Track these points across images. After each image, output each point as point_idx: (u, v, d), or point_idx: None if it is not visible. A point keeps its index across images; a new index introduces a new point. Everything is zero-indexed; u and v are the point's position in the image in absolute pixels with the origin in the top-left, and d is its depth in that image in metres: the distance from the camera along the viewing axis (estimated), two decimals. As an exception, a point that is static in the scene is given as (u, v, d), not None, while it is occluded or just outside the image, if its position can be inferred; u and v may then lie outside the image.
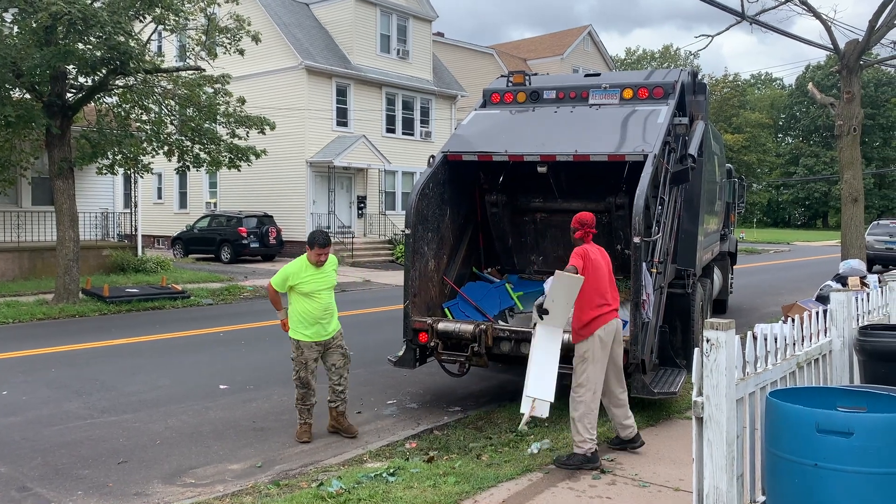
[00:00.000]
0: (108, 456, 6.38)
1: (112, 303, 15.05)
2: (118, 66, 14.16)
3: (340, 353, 6.88)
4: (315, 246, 6.59)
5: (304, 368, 6.69)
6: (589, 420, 5.81)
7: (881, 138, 69.27)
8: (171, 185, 31.19)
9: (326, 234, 6.77)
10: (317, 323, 6.67)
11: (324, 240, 6.66)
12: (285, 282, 6.68)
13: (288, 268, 6.72)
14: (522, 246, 9.31)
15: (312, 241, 6.63)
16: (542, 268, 9.22)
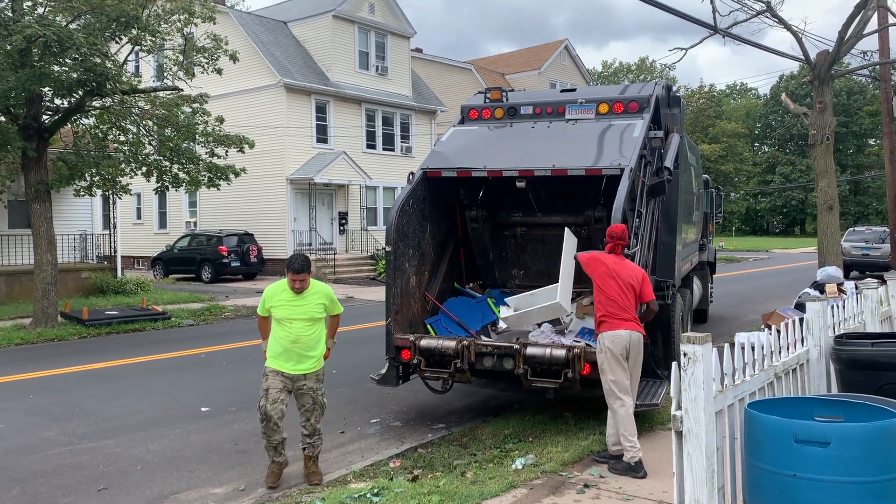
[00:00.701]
0: (88, 483, 6.30)
1: (91, 326, 14.89)
2: (95, 88, 14.10)
3: (311, 396, 6.18)
4: (289, 271, 6.00)
5: (265, 397, 6.02)
6: (625, 427, 5.89)
7: (855, 146, 70.31)
8: (151, 206, 30.99)
9: (302, 259, 6.06)
10: (285, 352, 6.07)
11: (298, 265, 5.99)
12: (264, 304, 6.21)
13: (267, 289, 6.27)
14: (503, 260, 9.36)
15: (287, 264, 6.07)
16: (523, 282, 9.26)
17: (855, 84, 66.27)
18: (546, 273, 9.15)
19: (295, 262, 6.01)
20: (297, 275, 5.97)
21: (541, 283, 9.16)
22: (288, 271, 6.00)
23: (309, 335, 6.08)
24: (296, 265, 5.99)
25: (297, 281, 5.98)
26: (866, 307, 6.29)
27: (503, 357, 7.17)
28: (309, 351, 6.12)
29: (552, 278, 9.12)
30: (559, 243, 9.03)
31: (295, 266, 5.98)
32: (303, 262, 6.03)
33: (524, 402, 8.57)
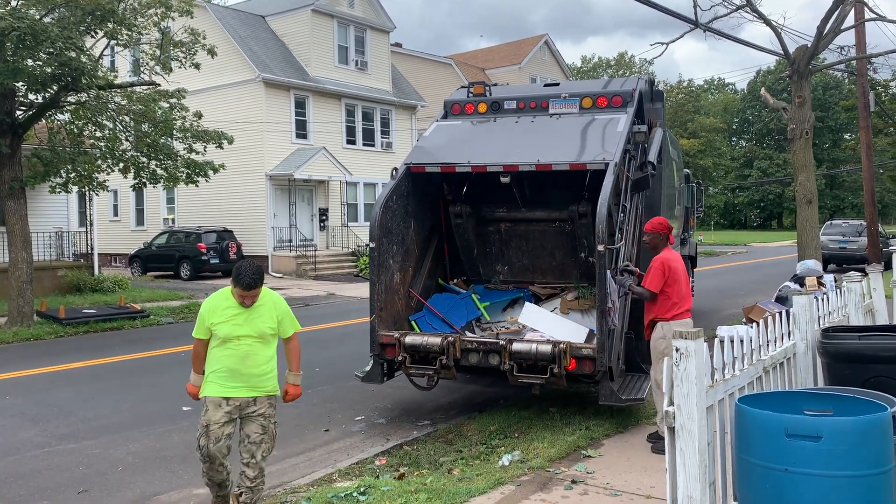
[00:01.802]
0: (67, 486, 6.18)
1: (68, 324, 14.66)
2: (70, 83, 13.85)
3: (260, 423, 4.91)
4: (237, 286, 4.75)
5: (205, 434, 4.81)
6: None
7: (831, 140, 71.10)
8: (128, 202, 30.61)
9: (254, 273, 4.76)
10: (231, 373, 4.84)
11: (249, 280, 4.72)
12: (202, 324, 4.90)
13: (204, 304, 4.96)
14: (487, 256, 9.33)
15: (235, 278, 4.76)
16: (507, 277, 9.26)
17: (831, 79, 66.99)
18: (530, 268, 9.17)
19: (245, 277, 4.71)
20: (248, 291, 4.75)
21: (525, 279, 9.17)
22: (235, 286, 4.75)
23: (260, 353, 4.89)
24: (246, 280, 4.71)
25: (248, 298, 4.79)
26: (850, 300, 6.33)
27: (489, 353, 7.14)
28: (261, 370, 4.90)
29: (536, 273, 9.15)
30: (543, 239, 9.05)
31: (245, 282, 4.71)
32: (255, 277, 4.75)
33: (509, 398, 8.55)
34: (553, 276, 9.07)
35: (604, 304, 6.80)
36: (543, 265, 9.11)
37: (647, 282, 6.46)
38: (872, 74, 26.61)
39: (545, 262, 9.08)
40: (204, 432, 4.83)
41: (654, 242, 6.66)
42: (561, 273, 9.03)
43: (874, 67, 26.97)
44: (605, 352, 6.78)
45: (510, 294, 8.96)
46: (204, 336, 4.93)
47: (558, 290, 8.96)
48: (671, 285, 6.36)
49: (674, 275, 6.36)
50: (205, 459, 4.89)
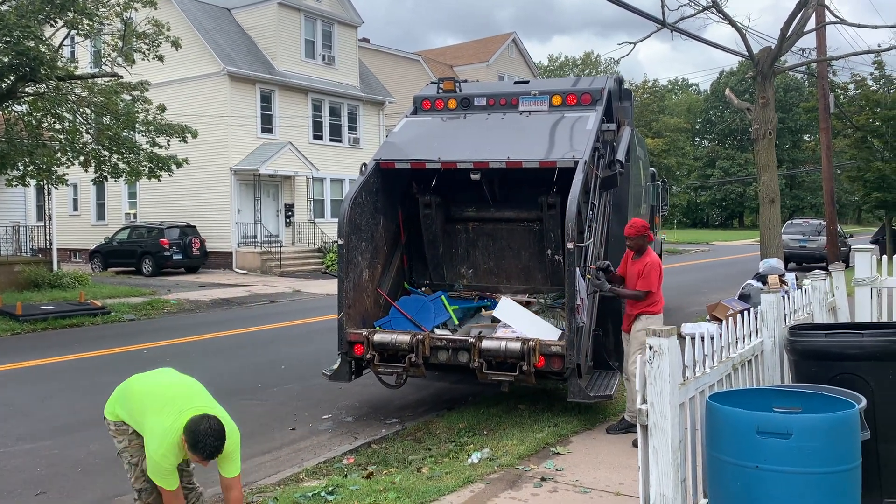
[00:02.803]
0: (24, 487, 6.00)
1: (26, 321, 14.28)
2: (28, 73, 13.51)
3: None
4: (195, 454, 4.01)
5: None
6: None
7: (791, 141, 72.48)
8: (88, 197, 29.96)
9: (217, 441, 4.00)
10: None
11: (210, 451, 4.00)
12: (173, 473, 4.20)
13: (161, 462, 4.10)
14: (453, 257, 9.15)
15: (193, 445, 3.98)
16: (472, 281, 9.06)
17: (792, 81, 68.25)
18: (495, 271, 8.97)
19: (207, 448, 3.98)
20: (205, 461, 4.07)
21: (489, 283, 9.00)
22: (193, 453, 4.02)
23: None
24: (207, 451, 3.99)
25: (203, 464, 4.16)
26: (815, 298, 6.42)
27: (458, 351, 7.10)
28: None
29: (501, 277, 8.97)
30: (510, 238, 8.93)
31: (206, 453, 4.00)
32: (217, 445, 4.00)
33: (478, 396, 8.52)
34: (519, 280, 8.89)
35: (572, 301, 6.80)
36: (509, 267, 8.95)
37: (646, 283, 6.68)
38: (832, 77, 27.20)
39: (511, 263, 8.90)
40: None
41: (639, 244, 6.84)
42: (527, 277, 8.89)
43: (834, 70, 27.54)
44: (573, 349, 6.79)
45: (476, 304, 8.81)
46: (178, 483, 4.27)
47: (523, 303, 8.81)
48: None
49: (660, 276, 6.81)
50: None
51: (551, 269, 8.55)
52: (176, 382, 4.48)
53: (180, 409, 4.17)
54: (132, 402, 4.44)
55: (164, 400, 4.28)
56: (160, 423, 4.16)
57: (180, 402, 4.24)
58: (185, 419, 4.07)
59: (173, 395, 4.32)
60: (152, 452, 4.14)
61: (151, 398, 4.35)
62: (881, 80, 29.44)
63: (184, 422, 4.06)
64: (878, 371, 4.41)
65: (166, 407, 4.22)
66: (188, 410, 4.14)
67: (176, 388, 4.42)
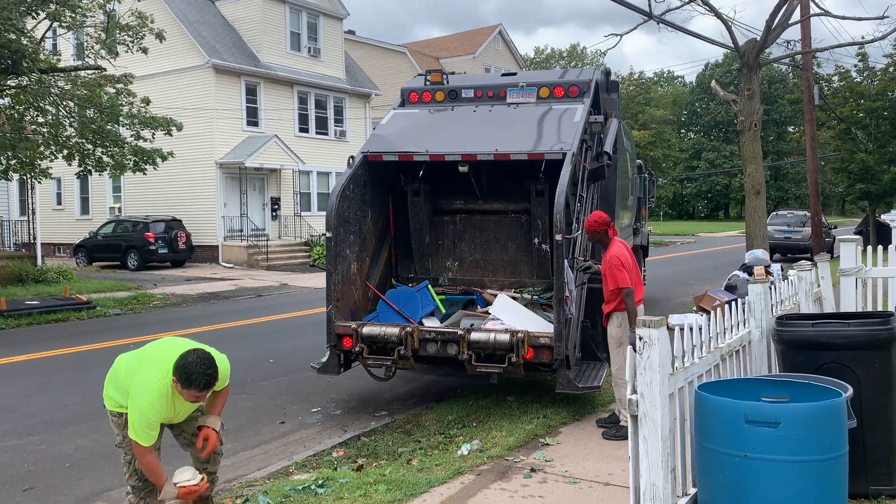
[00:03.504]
0: (12, 483, 5.96)
1: (10, 317, 14.16)
2: (9, 66, 13.35)
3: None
4: (191, 387, 4.00)
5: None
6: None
7: (775, 133, 72.87)
8: (72, 190, 29.69)
9: (210, 371, 4.04)
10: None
11: (205, 381, 4.02)
12: (153, 427, 4.15)
13: (149, 403, 4.08)
14: (439, 249, 9.04)
15: (186, 379, 3.96)
16: (457, 274, 8.93)
17: (776, 73, 68.59)
18: (481, 264, 8.86)
19: (201, 378, 3.98)
20: (202, 392, 4.07)
21: (475, 276, 8.88)
22: (188, 388, 3.99)
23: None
24: (203, 381, 4.00)
25: (202, 397, 4.15)
26: (801, 288, 6.47)
27: (447, 343, 7.10)
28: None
29: (486, 269, 8.87)
30: (497, 230, 8.87)
31: (202, 382, 4.00)
32: (211, 374, 4.04)
33: (466, 388, 8.54)
34: (505, 273, 8.78)
35: (560, 293, 6.82)
36: (495, 260, 8.84)
37: (614, 281, 6.42)
38: (817, 69, 27.34)
39: (497, 256, 8.80)
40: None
41: (597, 238, 6.72)
42: (513, 270, 8.76)
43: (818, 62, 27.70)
44: (562, 340, 6.81)
45: (462, 297, 8.73)
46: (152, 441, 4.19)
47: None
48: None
49: (627, 268, 6.44)
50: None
51: (537, 261, 8.50)
52: (162, 344, 4.47)
53: (164, 359, 4.17)
54: (120, 374, 4.43)
55: (151, 358, 4.29)
56: (148, 376, 4.15)
57: (163, 353, 4.25)
58: (171, 364, 4.06)
59: (159, 353, 4.31)
60: (139, 402, 4.07)
61: (138, 361, 4.35)
62: (865, 72, 29.63)
63: (170, 367, 4.06)
64: (863, 360, 4.47)
65: (153, 363, 4.21)
66: (172, 359, 4.11)
67: (161, 347, 4.41)
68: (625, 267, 6.40)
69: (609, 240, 6.62)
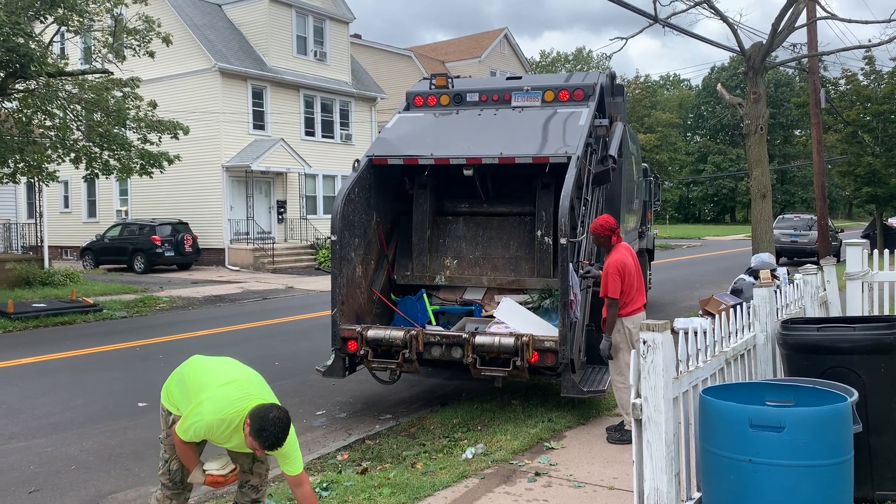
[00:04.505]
0: (18, 485, 5.98)
1: (17, 319, 14.22)
2: (18, 70, 13.43)
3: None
4: (259, 441, 3.91)
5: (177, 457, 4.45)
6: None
7: (782, 136, 72.70)
8: (79, 193, 29.82)
9: (281, 435, 3.94)
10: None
11: (273, 443, 3.93)
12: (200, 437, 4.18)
13: (207, 422, 4.04)
14: (439, 247, 8.83)
15: (259, 432, 3.88)
16: (455, 273, 8.66)
17: (783, 76, 68.46)
18: (479, 262, 8.63)
19: (271, 437, 3.89)
20: (263, 450, 3.99)
21: (472, 273, 8.61)
22: (255, 439, 3.91)
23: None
24: (271, 440, 3.91)
25: (258, 452, 4.04)
26: (807, 292, 6.45)
27: (452, 346, 7.10)
28: None
29: (485, 268, 8.60)
30: (500, 229, 8.74)
31: (270, 442, 3.91)
32: (280, 438, 3.94)
33: (472, 391, 8.54)
34: (505, 271, 8.54)
35: (566, 296, 6.82)
36: (495, 258, 8.62)
37: (605, 289, 6.37)
38: (823, 72, 27.27)
39: (498, 254, 8.60)
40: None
41: (600, 242, 6.67)
42: (514, 268, 8.53)
43: (825, 65, 27.63)
44: (567, 344, 6.80)
45: (461, 309, 8.62)
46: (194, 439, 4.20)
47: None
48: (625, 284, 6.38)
49: (628, 275, 6.37)
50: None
51: (538, 258, 8.27)
52: (241, 366, 4.47)
53: (247, 392, 4.14)
54: (190, 377, 4.37)
55: (237, 384, 4.21)
56: (228, 399, 4.09)
57: (246, 385, 4.22)
58: (252, 403, 4.03)
59: (247, 385, 4.25)
60: (206, 413, 4.03)
61: (215, 374, 4.30)
62: (872, 75, 29.53)
63: (250, 405, 4.02)
64: (869, 364, 4.45)
65: (238, 390, 4.16)
66: (255, 396, 4.10)
67: (241, 370, 4.40)
68: (622, 274, 6.31)
69: (612, 245, 6.55)
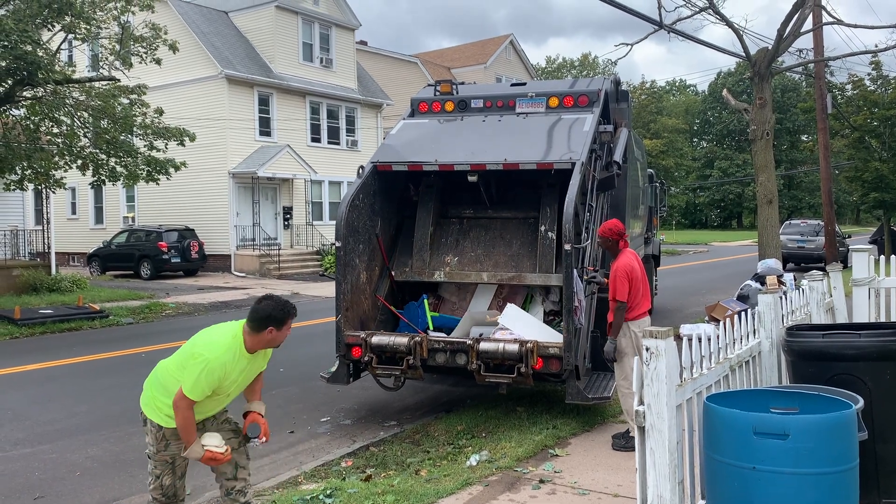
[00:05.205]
0: (22, 492, 5.99)
1: (24, 325, 14.27)
2: (25, 77, 13.51)
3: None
4: (289, 318, 4.26)
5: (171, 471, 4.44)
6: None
7: (788, 141, 72.51)
8: (86, 200, 29.95)
9: (286, 303, 4.30)
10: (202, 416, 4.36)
11: (287, 311, 4.26)
12: (211, 381, 4.09)
13: (218, 358, 4.08)
14: (441, 246, 8.68)
15: (283, 313, 4.20)
16: (455, 269, 8.47)
17: (789, 82, 68.28)
18: (480, 260, 8.46)
19: (279, 310, 4.20)
20: (290, 324, 4.30)
21: (473, 270, 8.43)
22: (285, 321, 4.23)
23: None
24: (283, 311, 4.21)
25: (283, 336, 4.31)
26: (812, 298, 6.41)
27: (456, 353, 7.09)
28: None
29: (486, 264, 8.42)
30: (503, 229, 8.65)
31: (283, 313, 4.21)
32: (285, 305, 4.26)
33: (476, 398, 8.52)
34: (506, 268, 8.33)
35: (570, 303, 6.80)
36: (497, 254, 8.46)
37: (611, 292, 6.42)
38: (830, 77, 27.22)
39: (500, 251, 8.46)
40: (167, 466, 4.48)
41: (606, 246, 6.68)
42: (515, 265, 8.32)
43: (831, 71, 27.59)
44: (571, 350, 6.79)
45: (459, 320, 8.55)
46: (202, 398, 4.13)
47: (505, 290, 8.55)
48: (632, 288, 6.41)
49: (635, 280, 6.40)
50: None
51: (541, 253, 8.10)
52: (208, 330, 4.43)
53: (229, 327, 4.28)
54: (162, 370, 4.36)
55: (208, 332, 4.29)
56: (216, 336, 4.20)
57: (224, 327, 4.31)
58: (236, 322, 4.22)
59: (214, 328, 4.34)
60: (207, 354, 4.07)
61: (190, 344, 4.28)
62: (878, 81, 29.46)
63: (237, 323, 4.22)
64: (875, 371, 4.41)
65: (215, 331, 4.26)
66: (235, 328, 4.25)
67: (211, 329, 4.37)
68: (630, 279, 6.35)
69: (619, 250, 6.58)
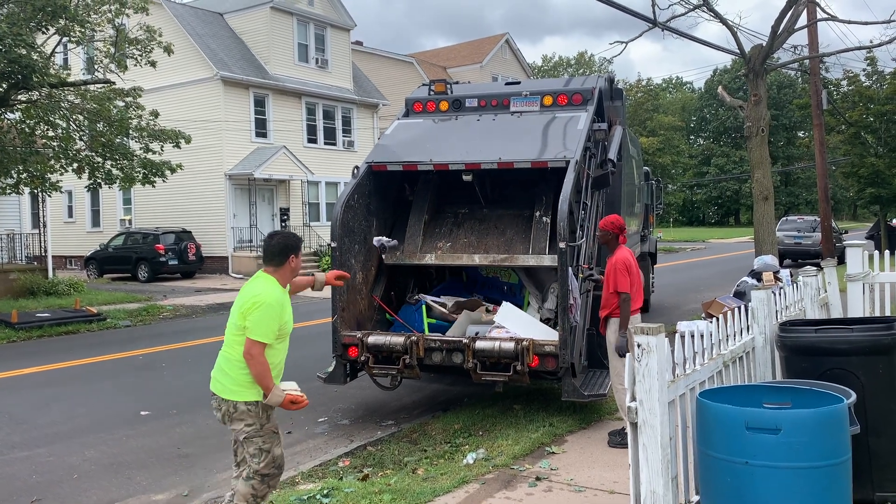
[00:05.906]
0: (20, 494, 6.00)
1: (21, 329, 14.26)
2: (20, 81, 13.50)
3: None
4: (297, 251, 4.42)
5: (279, 443, 4.40)
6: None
7: (785, 138, 72.59)
8: (83, 203, 29.92)
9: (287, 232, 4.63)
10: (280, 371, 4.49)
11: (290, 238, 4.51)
12: (278, 320, 4.23)
13: (272, 296, 4.18)
14: (434, 234, 8.56)
15: (293, 245, 4.40)
16: (446, 252, 8.35)
17: (785, 78, 68.36)
18: (473, 245, 8.35)
19: (289, 236, 4.48)
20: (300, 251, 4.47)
21: (465, 253, 8.30)
22: (299, 247, 4.44)
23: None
24: (292, 239, 4.46)
25: (299, 263, 4.47)
26: (806, 294, 6.43)
27: (452, 351, 7.11)
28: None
29: (477, 249, 8.31)
30: (497, 221, 8.57)
31: (293, 241, 4.45)
32: (292, 234, 4.57)
33: (473, 396, 8.54)
34: (498, 250, 8.20)
35: (566, 300, 6.82)
36: (490, 240, 8.35)
37: (615, 285, 6.41)
38: (825, 74, 27.24)
39: (493, 238, 8.35)
40: (277, 440, 4.41)
41: (605, 240, 6.70)
42: (507, 247, 8.21)
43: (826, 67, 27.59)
44: (567, 348, 6.80)
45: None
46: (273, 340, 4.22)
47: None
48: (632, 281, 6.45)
49: (632, 275, 6.44)
50: (277, 470, 4.39)
51: (535, 236, 8.03)
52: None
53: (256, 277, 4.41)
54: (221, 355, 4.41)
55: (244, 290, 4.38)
56: (258, 286, 4.29)
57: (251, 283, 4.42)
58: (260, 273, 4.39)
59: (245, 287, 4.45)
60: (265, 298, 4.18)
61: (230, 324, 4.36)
62: (873, 76, 29.51)
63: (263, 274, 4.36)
64: (867, 365, 4.44)
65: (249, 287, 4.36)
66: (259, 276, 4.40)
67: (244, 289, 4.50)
68: (629, 272, 6.40)
69: (617, 244, 6.63)
